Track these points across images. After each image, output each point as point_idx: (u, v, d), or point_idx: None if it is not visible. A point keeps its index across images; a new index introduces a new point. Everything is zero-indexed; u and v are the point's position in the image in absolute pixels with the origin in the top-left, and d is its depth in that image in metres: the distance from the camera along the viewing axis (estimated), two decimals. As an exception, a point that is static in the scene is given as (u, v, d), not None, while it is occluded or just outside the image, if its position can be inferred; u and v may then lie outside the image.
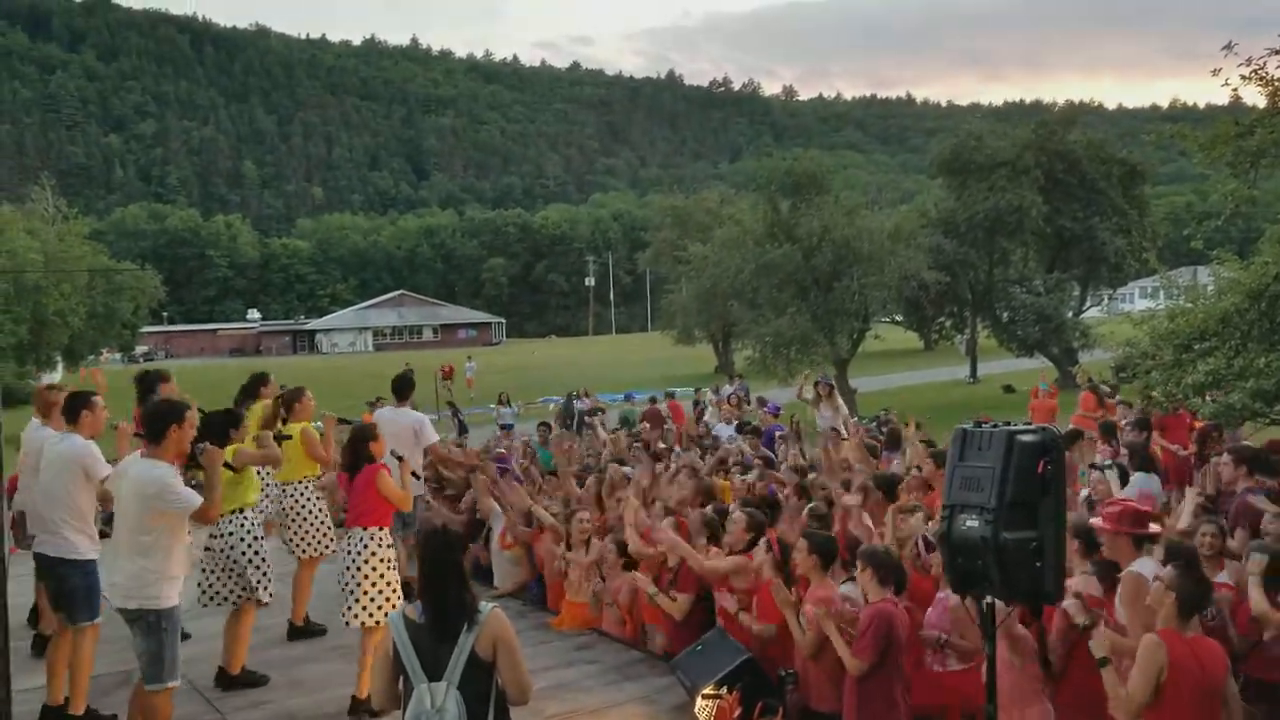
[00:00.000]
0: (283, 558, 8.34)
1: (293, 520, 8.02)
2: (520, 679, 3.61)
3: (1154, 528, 5.05)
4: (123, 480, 5.58)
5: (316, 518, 8.05)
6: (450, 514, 9.99)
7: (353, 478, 6.57)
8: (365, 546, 6.36)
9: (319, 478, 8.23)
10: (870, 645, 5.26)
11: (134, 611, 5.39)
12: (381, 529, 6.45)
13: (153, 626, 5.38)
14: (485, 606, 3.63)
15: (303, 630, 8.08)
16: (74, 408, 6.35)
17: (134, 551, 5.39)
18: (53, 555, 6.19)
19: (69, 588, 6.14)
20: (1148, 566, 4.69)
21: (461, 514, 10.29)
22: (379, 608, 6.28)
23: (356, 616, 6.30)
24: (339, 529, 7.50)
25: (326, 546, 8.02)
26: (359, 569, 6.33)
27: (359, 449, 6.64)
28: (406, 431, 8.61)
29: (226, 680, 6.90)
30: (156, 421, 5.56)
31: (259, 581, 6.80)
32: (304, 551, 8.02)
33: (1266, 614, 5.13)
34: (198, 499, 5.41)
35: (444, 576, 3.62)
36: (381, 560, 6.39)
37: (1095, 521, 5.13)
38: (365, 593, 6.30)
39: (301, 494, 8.01)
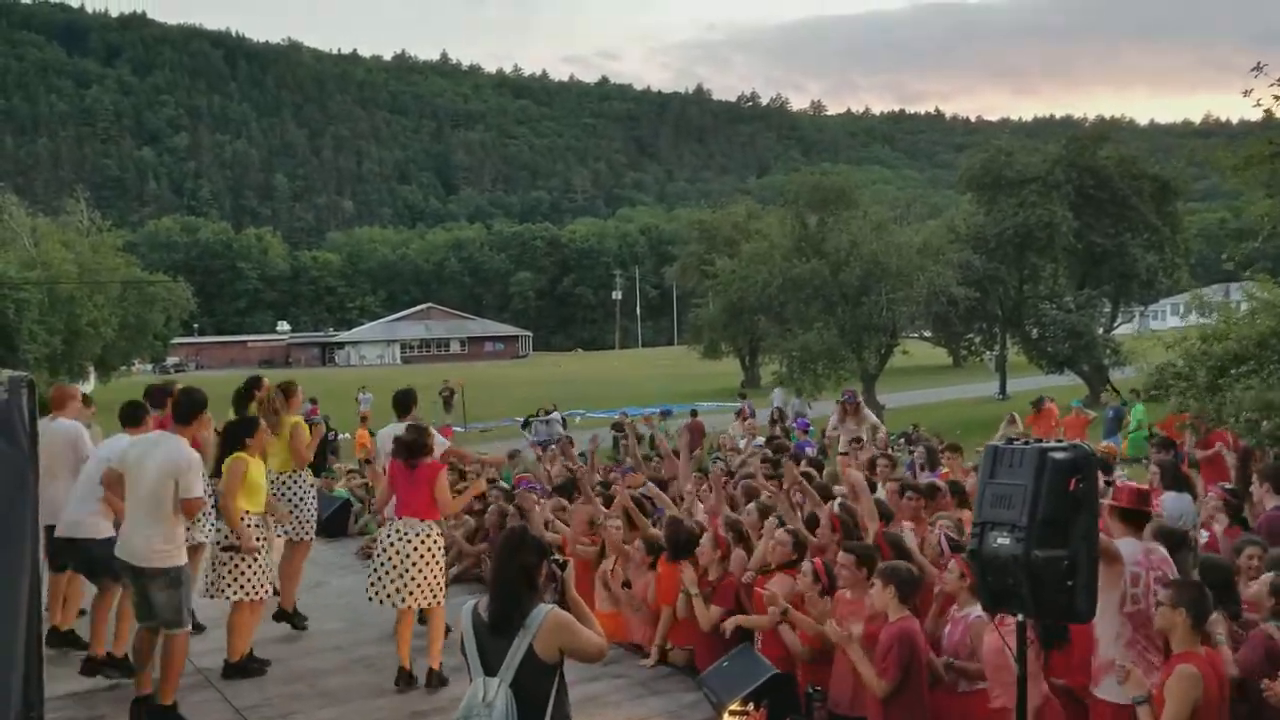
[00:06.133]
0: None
1: (290, 507, 8.09)
2: (586, 649, 3.64)
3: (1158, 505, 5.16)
4: (147, 449, 6.26)
5: (310, 506, 8.28)
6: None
7: (412, 469, 6.89)
8: (419, 535, 6.84)
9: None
10: (894, 665, 5.24)
11: (155, 570, 6.15)
12: (436, 522, 6.98)
13: (173, 581, 6.19)
14: (540, 609, 3.60)
15: (290, 617, 8.31)
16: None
17: (153, 518, 6.14)
18: (74, 537, 6.92)
19: (95, 555, 6.87)
20: (1131, 547, 4.76)
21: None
22: (434, 592, 6.87)
23: (413, 595, 6.79)
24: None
25: (311, 533, 8.34)
26: (411, 555, 6.79)
27: (418, 443, 6.98)
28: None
29: (228, 669, 7.18)
30: (191, 406, 6.45)
31: (255, 580, 7.06)
32: (299, 536, 8.19)
33: None
34: (200, 495, 6.29)
35: (508, 576, 3.66)
36: (439, 548, 6.96)
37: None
38: (420, 578, 6.78)
39: (299, 483, 8.16)
